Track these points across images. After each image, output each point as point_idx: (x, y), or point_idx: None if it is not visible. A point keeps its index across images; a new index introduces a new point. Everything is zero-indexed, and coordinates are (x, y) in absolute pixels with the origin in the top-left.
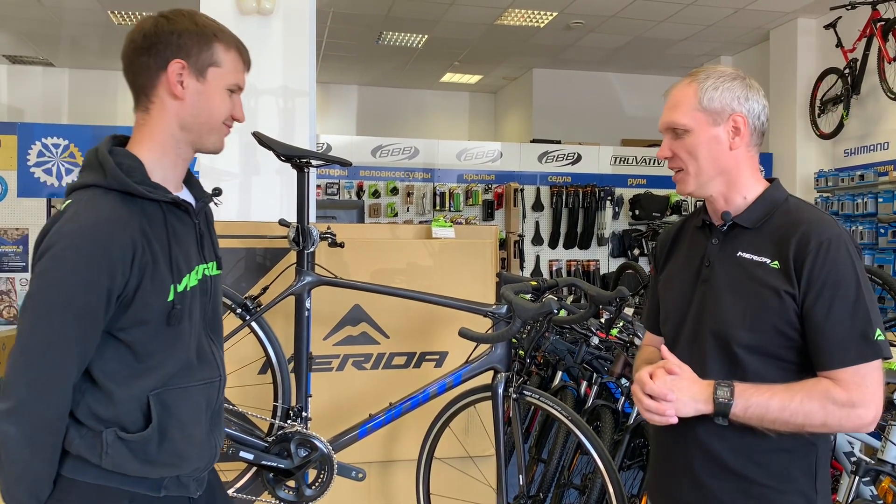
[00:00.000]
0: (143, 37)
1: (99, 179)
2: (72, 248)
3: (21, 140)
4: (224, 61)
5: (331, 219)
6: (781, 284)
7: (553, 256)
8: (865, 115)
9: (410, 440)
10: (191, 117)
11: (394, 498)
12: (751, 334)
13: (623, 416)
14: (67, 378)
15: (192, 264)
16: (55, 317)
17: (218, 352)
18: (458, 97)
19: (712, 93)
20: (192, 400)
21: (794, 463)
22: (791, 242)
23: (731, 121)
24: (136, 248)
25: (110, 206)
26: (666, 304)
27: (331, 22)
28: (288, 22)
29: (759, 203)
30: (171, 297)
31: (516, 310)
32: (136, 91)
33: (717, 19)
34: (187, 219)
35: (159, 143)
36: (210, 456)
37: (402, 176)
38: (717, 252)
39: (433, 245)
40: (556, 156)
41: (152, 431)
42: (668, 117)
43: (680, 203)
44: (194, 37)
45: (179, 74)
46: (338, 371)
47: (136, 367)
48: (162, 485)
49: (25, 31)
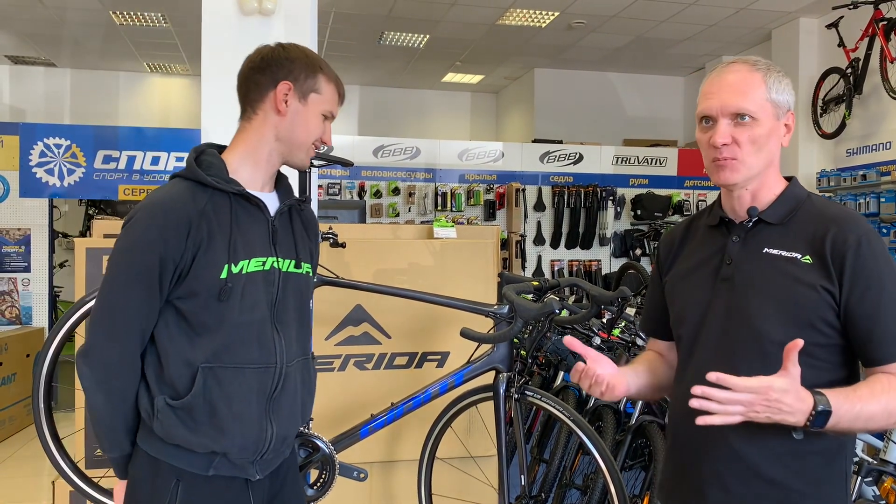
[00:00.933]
0: (262, 59)
1: (182, 172)
2: (137, 219)
3: (23, 140)
4: (324, 90)
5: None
6: (818, 280)
7: (555, 256)
8: (868, 114)
9: (412, 440)
10: (287, 132)
11: (395, 498)
12: (785, 331)
13: (625, 416)
14: (129, 331)
15: (254, 252)
16: (120, 275)
17: (280, 342)
18: (459, 97)
19: (778, 85)
20: (244, 380)
21: (828, 466)
22: (826, 239)
23: (788, 116)
24: (192, 224)
25: (179, 189)
26: (679, 306)
27: (332, 22)
28: (289, 22)
29: (782, 199)
30: (224, 275)
31: (518, 310)
32: (244, 103)
33: (718, 19)
34: (258, 213)
35: (253, 148)
36: (259, 439)
37: (404, 176)
38: (738, 249)
39: (435, 245)
40: (558, 156)
41: (195, 398)
42: (735, 101)
43: (681, 203)
44: (304, 65)
45: (286, 94)
46: (340, 371)
47: (189, 336)
48: (211, 464)
49: (27, 31)
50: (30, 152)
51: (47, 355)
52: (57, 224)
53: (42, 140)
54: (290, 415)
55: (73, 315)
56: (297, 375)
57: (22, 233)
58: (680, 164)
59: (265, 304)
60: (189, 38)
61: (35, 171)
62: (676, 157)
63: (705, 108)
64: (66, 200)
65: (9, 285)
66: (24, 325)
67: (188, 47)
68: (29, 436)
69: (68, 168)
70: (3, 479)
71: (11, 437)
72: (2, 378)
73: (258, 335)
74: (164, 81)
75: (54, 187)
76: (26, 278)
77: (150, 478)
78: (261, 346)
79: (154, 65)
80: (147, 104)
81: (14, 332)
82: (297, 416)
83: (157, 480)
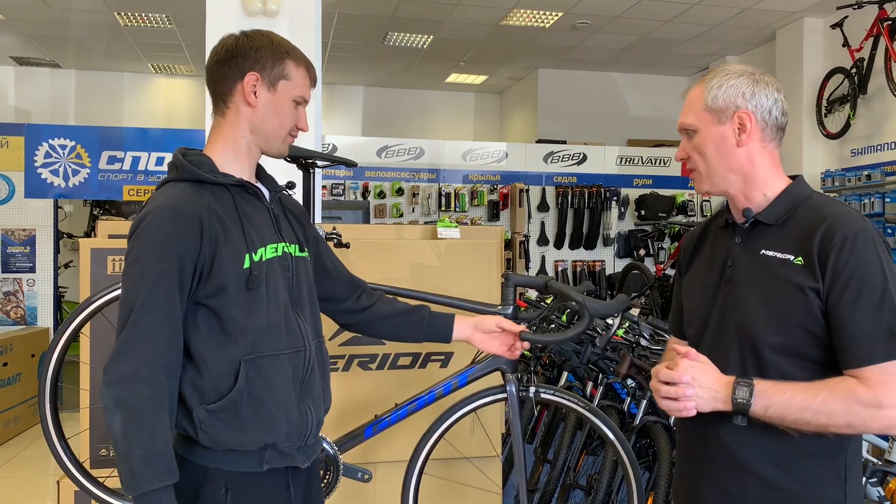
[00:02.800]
0: (226, 50)
1: (174, 175)
2: (145, 228)
3: (28, 141)
4: (293, 76)
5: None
6: (806, 281)
7: (558, 257)
8: (872, 114)
9: (416, 441)
10: (260, 122)
11: (399, 499)
12: (776, 334)
13: (629, 416)
14: (152, 341)
15: (265, 239)
16: (138, 287)
17: (305, 324)
18: (463, 97)
19: (716, 91)
20: (282, 367)
21: (823, 468)
22: (815, 237)
23: (736, 118)
24: (204, 220)
25: (179, 190)
26: (689, 307)
27: (336, 23)
28: (293, 23)
29: (780, 199)
30: (248, 265)
31: (588, 307)
32: (215, 97)
33: (723, 19)
34: (258, 202)
35: (231, 143)
36: (300, 423)
37: (408, 176)
38: (739, 251)
39: (438, 245)
40: (562, 156)
41: (239, 393)
42: (680, 119)
43: (686, 203)
44: (269, 52)
45: (254, 84)
46: (343, 371)
47: (225, 333)
48: (263, 458)
49: (32, 32)
50: (35, 153)
51: (53, 355)
52: (62, 225)
53: (47, 141)
54: (319, 397)
55: (79, 315)
56: (318, 358)
57: (27, 233)
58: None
59: (285, 289)
60: (193, 39)
61: (40, 172)
62: None
63: None
64: (70, 201)
65: (14, 286)
66: (29, 326)
67: (192, 48)
68: (34, 435)
69: (73, 169)
70: (9, 479)
71: (17, 436)
72: (7, 378)
73: (285, 320)
74: (169, 82)
75: (59, 188)
76: (31, 279)
77: (194, 488)
78: (289, 331)
79: (158, 66)
80: (151, 105)
81: (19, 333)
82: (322, 398)
83: (205, 489)
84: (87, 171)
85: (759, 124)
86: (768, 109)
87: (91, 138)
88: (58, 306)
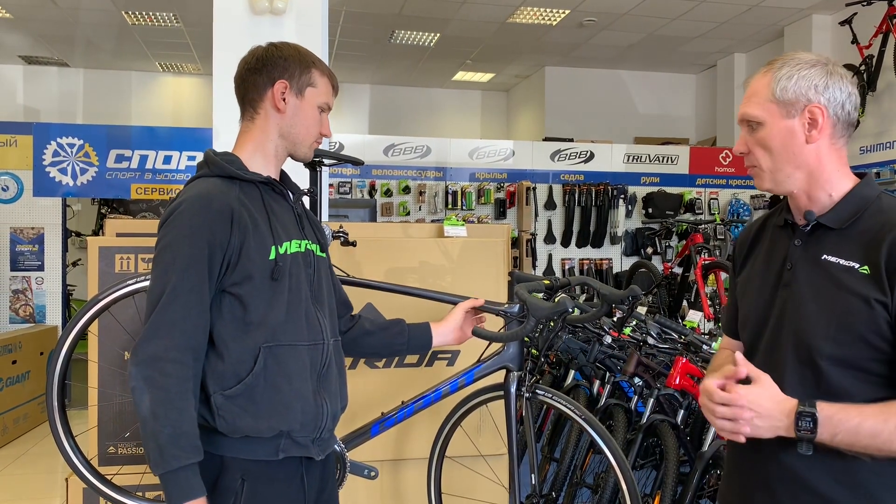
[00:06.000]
0: (256, 60)
1: (204, 172)
2: (177, 216)
3: (37, 140)
4: (319, 84)
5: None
6: (872, 292)
7: (566, 255)
8: (881, 112)
9: (423, 439)
10: (289, 127)
11: (406, 496)
12: (835, 345)
13: (636, 415)
14: (181, 325)
15: (290, 235)
16: (169, 272)
17: (324, 320)
18: (470, 95)
19: (786, 82)
20: (300, 357)
21: (882, 484)
22: (883, 245)
23: (807, 112)
24: (234, 211)
25: (211, 184)
26: (744, 309)
27: (343, 21)
28: (300, 21)
29: (846, 201)
30: (273, 256)
31: (531, 308)
32: (245, 104)
33: (730, 16)
34: (283, 201)
35: (260, 146)
36: (316, 414)
37: (415, 175)
38: (799, 254)
39: (445, 244)
40: (569, 154)
41: (256, 378)
42: (742, 109)
43: (693, 201)
44: (297, 62)
45: (283, 91)
46: (350, 369)
47: (247, 321)
48: (279, 446)
49: (41, 32)
50: (43, 152)
51: (61, 353)
52: (70, 223)
53: (55, 140)
54: (335, 392)
55: (87, 313)
56: (335, 355)
57: (35, 232)
58: (692, 162)
59: (307, 284)
60: (201, 38)
61: (48, 171)
62: (688, 155)
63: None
64: (78, 199)
65: (23, 284)
66: (37, 324)
67: (200, 47)
68: (43, 433)
69: (81, 167)
70: (18, 476)
71: (25, 434)
72: (16, 376)
73: (306, 313)
74: (176, 81)
75: (67, 186)
76: (40, 277)
77: (211, 479)
78: (309, 324)
79: (166, 64)
80: (159, 104)
81: (28, 331)
82: (339, 395)
83: (221, 480)
84: (95, 170)
85: (831, 119)
86: (841, 104)
87: (99, 137)
88: (66, 304)
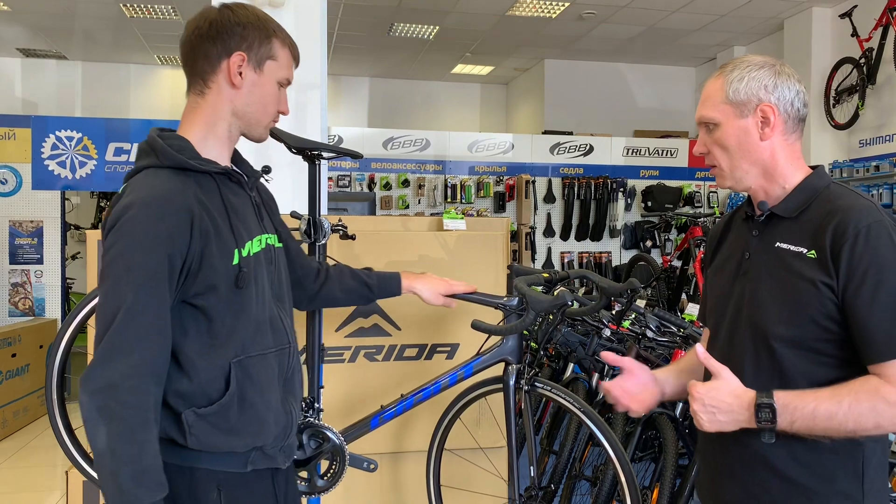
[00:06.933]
0: (210, 25)
1: (152, 161)
2: (129, 221)
3: (35, 133)
4: (280, 56)
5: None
6: (818, 275)
7: (565, 248)
8: (881, 105)
9: (422, 431)
10: (244, 105)
11: (405, 489)
12: (788, 327)
13: None
14: (140, 344)
15: (252, 233)
16: (123, 287)
17: (287, 319)
18: (469, 88)
19: (737, 84)
20: (269, 366)
21: (840, 463)
22: (827, 231)
23: (759, 111)
24: (194, 215)
25: (164, 179)
26: (710, 298)
27: (342, 14)
28: (299, 14)
29: (797, 191)
30: (237, 261)
31: (530, 302)
32: (193, 75)
33: (730, 9)
34: (241, 191)
35: (210, 125)
36: (286, 422)
37: (414, 168)
38: (756, 243)
39: (444, 237)
40: (568, 147)
41: (230, 398)
42: (698, 112)
43: (692, 194)
44: (256, 30)
45: (240, 65)
46: (349, 363)
47: (213, 336)
48: (248, 459)
49: (39, 24)
50: (42, 145)
51: (60, 346)
52: (69, 216)
53: (54, 133)
54: (299, 394)
55: (86, 306)
56: (297, 354)
57: (34, 225)
58: (691, 155)
59: (268, 284)
60: None
61: (47, 164)
62: (687, 149)
63: None
64: (77, 193)
65: (22, 277)
66: (37, 317)
67: None
68: (43, 426)
69: (80, 160)
70: (18, 469)
71: (25, 427)
72: (16, 369)
73: (270, 317)
74: (175, 74)
75: (66, 179)
76: (39, 270)
77: (185, 489)
78: (274, 328)
79: (165, 57)
80: (158, 96)
81: (27, 324)
82: (300, 396)
83: (196, 492)
84: (93, 163)
85: (782, 116)
86: (790, 101)
87: (98, 130)
88: (65, 297)
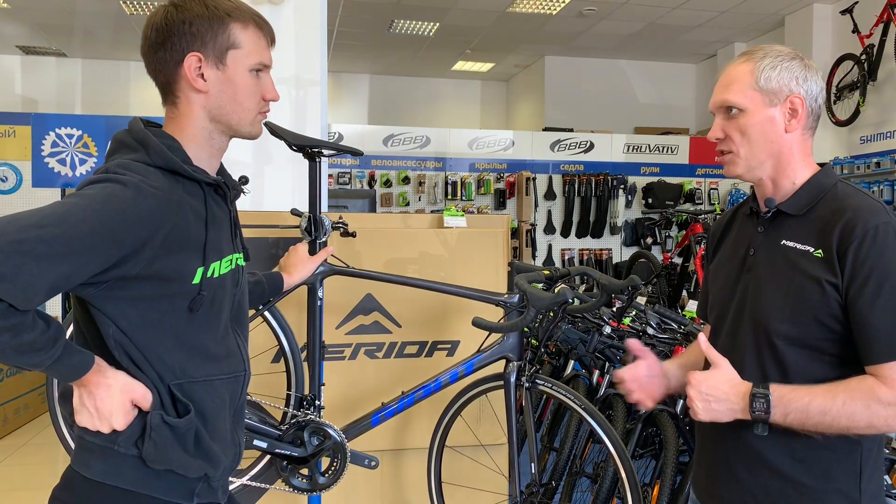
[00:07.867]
0: (156, 31)
1: (142, 157)
2: (106, 187)
3: (35, 131)
4: (243, 41)
5: (343, 208)
6: (823, 274)
7: (565, 245)
8: (882, 101)
9: (423, 429)
10: (217, 108)
11: (406, 486)
12: (791, 325)
13: (635, 404)
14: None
15: (223, 252)
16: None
17: (244, 345)
18: (469, 85)
19: (770, 72)
20: (217, 394)
21: (837, 461)
22: (835, 231)
23: (789, 102)
24: (166, 222)
25: (155, 176)
26: (713, 294)
27: (342, 10)
28: (299, 11)
29: (805, 189)
30: (197, 280)
31: (531, 299)
32: (160, 87)
33: (731, 5)
34: (224, 205)
35: (191, 136)
36: (234, 454)
37: (414, 165)
38: (761, 240)
39: (445, 234)
40: (569, 144)
41: (192, 419)
42: (720, 96)
43: (693, 191)
44: (206, 21)
45: (198, 68)
46: (350, 360)
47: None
48: (195, 490)
49: (39, 21)
50: (42, 142)
51: None
52: None
53: (54, 130)
54: (243, 422)
55: None
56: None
57: None
58: (691, 152)
59: (228, 308)
60: None
61: (47, 162)
62: (688, 145)
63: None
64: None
65: None
66: None
67: None
68: (43, 423)
69: (80, 158)
70: (19, 466)
71: (26, 424)
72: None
73: (225, 342)
74: None
75: (66, 177)
76: None
77: None
78: (229, 354)
79: None
80: (158, 94)
81: None
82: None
83: None
84: (93, 161)
85: (807, 111)
86: (815, 97)
87: (98, 127)
88: (66, 295)
